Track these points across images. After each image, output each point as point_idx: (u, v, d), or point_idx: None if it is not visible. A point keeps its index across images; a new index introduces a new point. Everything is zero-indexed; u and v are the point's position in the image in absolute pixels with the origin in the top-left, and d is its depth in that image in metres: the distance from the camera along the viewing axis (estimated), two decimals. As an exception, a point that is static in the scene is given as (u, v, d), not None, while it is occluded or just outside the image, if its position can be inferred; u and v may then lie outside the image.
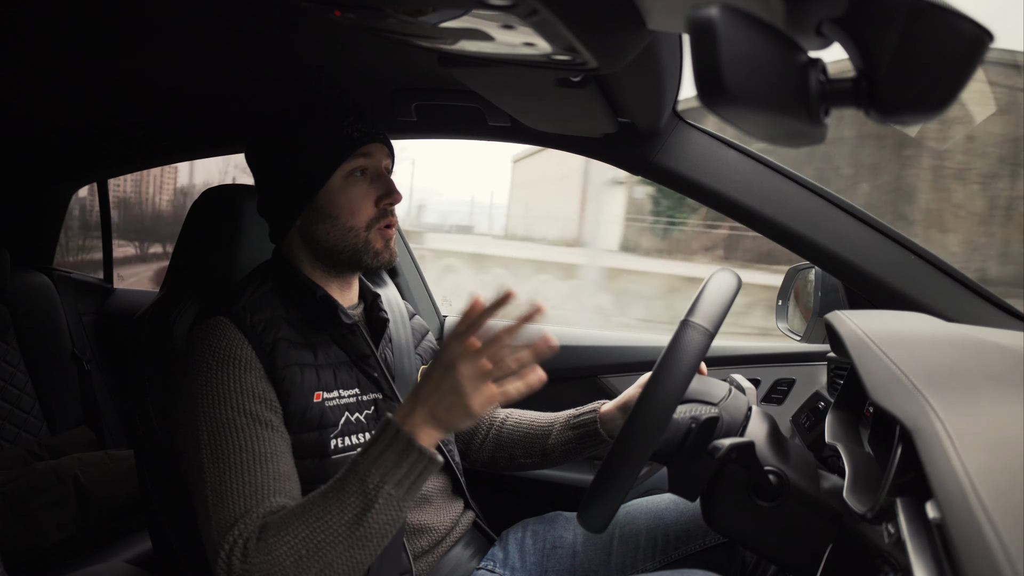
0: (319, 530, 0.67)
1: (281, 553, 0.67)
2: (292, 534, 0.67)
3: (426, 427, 0.70)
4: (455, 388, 0.67)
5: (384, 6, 0.47)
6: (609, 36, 0.51)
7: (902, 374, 0.55)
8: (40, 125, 1.34)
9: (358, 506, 0.68)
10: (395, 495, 0.68)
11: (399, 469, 0.68)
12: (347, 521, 0.67)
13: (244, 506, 0.71)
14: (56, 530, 1.33)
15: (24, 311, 1.66)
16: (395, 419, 0.70)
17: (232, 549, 0.68)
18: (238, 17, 0.76)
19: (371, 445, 0.70)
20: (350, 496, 0.68)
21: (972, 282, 0.92)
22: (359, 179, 0.88)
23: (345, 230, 0.87)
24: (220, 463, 0.73)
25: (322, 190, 0.86)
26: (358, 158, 0.87)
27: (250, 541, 0.68)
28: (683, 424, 0.77)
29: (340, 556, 0.68)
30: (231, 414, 0.76)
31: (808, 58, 0.36)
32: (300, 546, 0.67)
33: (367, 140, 0.88)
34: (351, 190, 0.87)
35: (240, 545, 0.68)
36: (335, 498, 0.69)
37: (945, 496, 0.38)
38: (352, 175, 0.87)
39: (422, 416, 0.69)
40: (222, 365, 0.78)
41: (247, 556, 0.67)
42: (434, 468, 0.70)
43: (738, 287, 0.76)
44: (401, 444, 0.69)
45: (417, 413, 0.70)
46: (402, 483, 0.69)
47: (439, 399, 0.68)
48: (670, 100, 0.94)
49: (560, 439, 1.03)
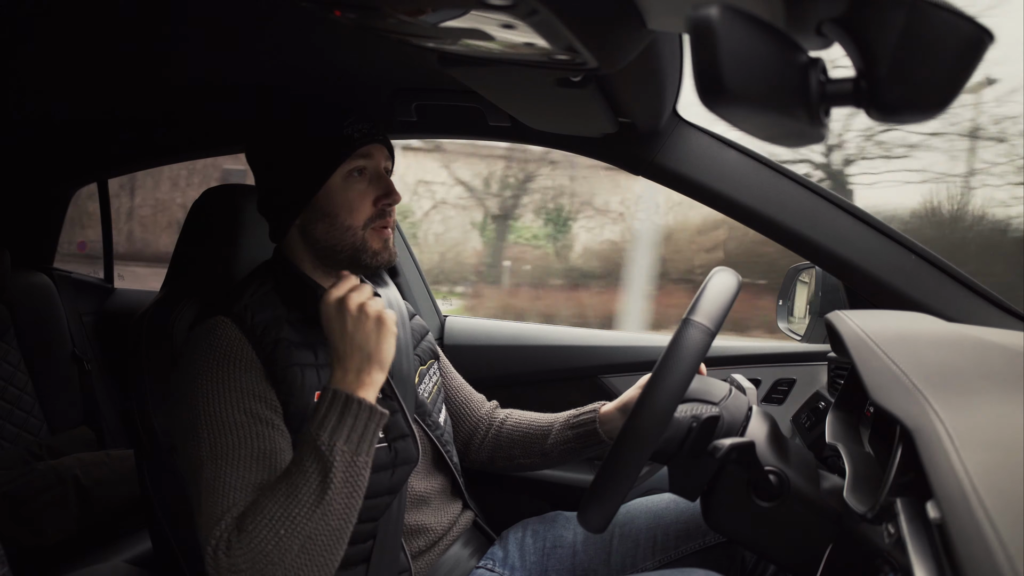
0: (290, 505, 0.68)
1: (261, 538, 0.67)
2: (267, 516, 0.68)
3: (357, 379, 0.75)
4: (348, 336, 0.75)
5: (384, 6, 0.47)
6: (609, 36, 0.51)
7: (902, 374, 0.55)
8: (40, 125, 1.34)
9: (318, 471, 0.70)
10: (347, 450, 0.71)
11: (344, 424, 0.72)
12: (313, 489, 0.69)
13: (233, 500, 0.71)
14: (56, 530, 1.33)
15: (24, 311, 1.66)
16: (330, 383, 0.75)
17: (218, 544, 0.68)
18: (238, 17, 0.76)
19: (314, 415, 0.74)
20: (308, 463, 0.70)
21: (972, 282, 0.92)
22: (358, 179, 0.88)
23: (343, 229, 0.87)
24: (217, 459, 0.73)
25: (321, 189, 0.86)
26: (358, 159, 0.87)
27: (232, 534, 0.68)
28: (684, 423, 0.77)
29: (316, 526, 0.69)
30: (231, 412, 0.76)
31: (808, 58, 0.36)
32: (277, 526, 0.68)
33: (367, 141, 0.88)
34: (350, 190, 0.87)
35: (224, 539, 0.68)
36: (297, 471, 0.70)
37: (945, 496, 0.38)
38: (351, 175, 0.87)
39: (352, 372, 0.75)
40: (222, 364, 0.78)
41: (230, 549, 0.68)
42: (379, 417, 0.74)
43: (739, 287, 0.76)
44: (340, 402, 0.73)
45: (345, 372, 0.75)
46: (351, 437, 0.72)
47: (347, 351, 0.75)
48: (670, 100, 0.94)
49: (559, 439, 1.03)
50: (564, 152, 1.13)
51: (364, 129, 0.88)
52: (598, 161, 1.12)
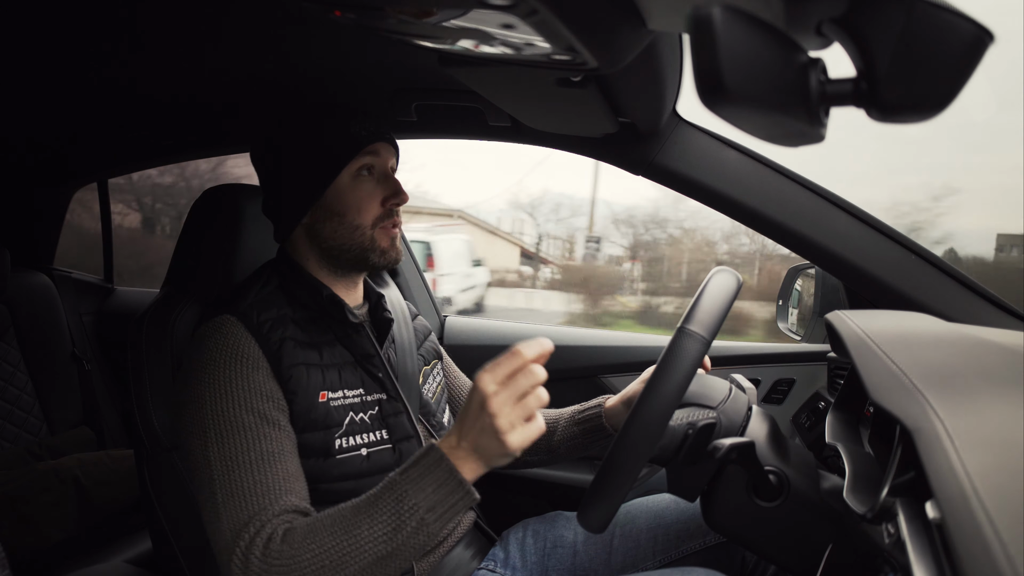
0: (346, 543, 0.67)
1: (305, 559, 0.67)
2: (319, 542, 0.67)
3: (469, 461, 0.69)
4: (492, 425, 0.66)
5: (384, 6, 0.47)
6: (609, 36, 0.51)
7: (902, 374, 0.55)
8: (41, 126, 1.34)
9: (390, 525, 0.67)
10: (427, 520, 0.68)
11: (436, 496, 0.68)
12: (376, 538, 0.67)
13: (258, 504, 0.71)
14: (56, 530, 1.33)
15: (24, 311, 1.66)
16: (439, 446, 0.69)
17: (250, 546, 0.68)
18: (238, 17, 0.76)
19: (411, 467, 0.69)
20: (383, 514, 0.67)
21: (972, 282, 0.92)
22: (366, 178, 0.88)
23: (352, 228, 0.87)
24: (228, 461, 0.73)
25: (329, 188, 0.87)
26: (365, 156, 0.88)
27: (272, 540, 0.68)
28: (679, 431, 0.76)
29: (362, 572, 0.67)
30: (238, 412, 0.76)
31: (808, 58, 0.36)
32: (325, 555, 0.67)
33: (375, 139, 0.88)
34: (358, 189, 0.88)
35: (259, 543, 0.68)
36: (367, 513, 0.68)
37: (945, 496, 0.38)
38: (359, 174, 0.88)
39: (466, 449, 0.68)
40: (229, 363, 0.78)
41: (268, 555, 0.67)
42: (470, 503, 0.69)
43: (738, 288, 0.76)
44: (442, 472, 0.68)
45: (461, 445, 0.68)
46: (435, 509, 0.68)
47: (479, 434, 0.67)
48: (670, 100, 0.94)
49: (566, 435, 1.03)
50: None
51: (371, 127, 0.88)
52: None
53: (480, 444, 0.67)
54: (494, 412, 0.65)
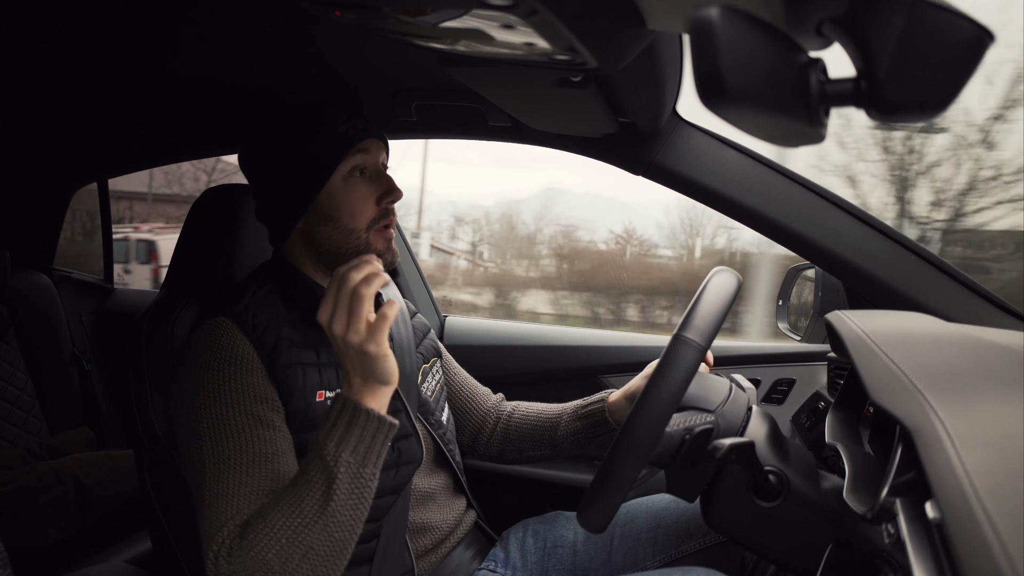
0: (293, 515, 0.68)
1: (262, 546, 0.67)
2: (269, 525, 0.67)
3: (362, 391, 0.72)
4: (348, 346, 0.70)
5: (384, 6, 0.47)
6: (609, 36, 0.51)
7: (902, 374, 0.55)
8: (40, 125, 1.34)
9: (323, 481, 0.69)
10: (353, 462, 0.70)
11: (351, 435, 0.70)
12: (317, 499, 0.68)
13: (236, 507, 0.71)
14: (56, 530, 1.33)
15: (24, 311, 1.66)
16: (341, 392, 0.73)
17: (219, 550, 0.68)
18: (238, 18, 0.76)
19: (323, 423, 0.72)
20: (313, 473, 0.69)
21: (972, 282, 0.92)
22: (359, 179, 0.87)
23: (347, 232, 0.86)
24: (220, 464, 0.73)
25: (322, 192, 0.86)
26: (356, 155, 0.86)
27: (235, 541, 0.68)
28: (676, 436, 0.76)
29: (318, 537, 0.68)
30: (232, 415, 0.76)
31: (808, 58, 0.36)
32: (279, 535, 0.67)
33: (363, 136, 0.87)
34: (352, 191, 0.86)
35: (226, 545, 0.68)
36: (302, 480, 0.70)
37: (945, 496, 0.38)
38: (352, 175, 0.86)
39: (356, 383, 0.72)
40: (224, 365, 0.78)
41: (231, 555, 0.67)
42: (387, 429, 0.72)
43: (737, 289, 0.76)
44: (348, 411, 0.71)
45: (351, 382, 0.72)
46: (357, 448, 0.70)
47: (351, 362, 0.72)
48: (670, 100, 0.94)
49: (569, 430, 1.03)
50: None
51: (359, 125, 0.87)
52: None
53: (359, 369, 0.72)
54: (339, 334, 0.71)
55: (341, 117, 0.86)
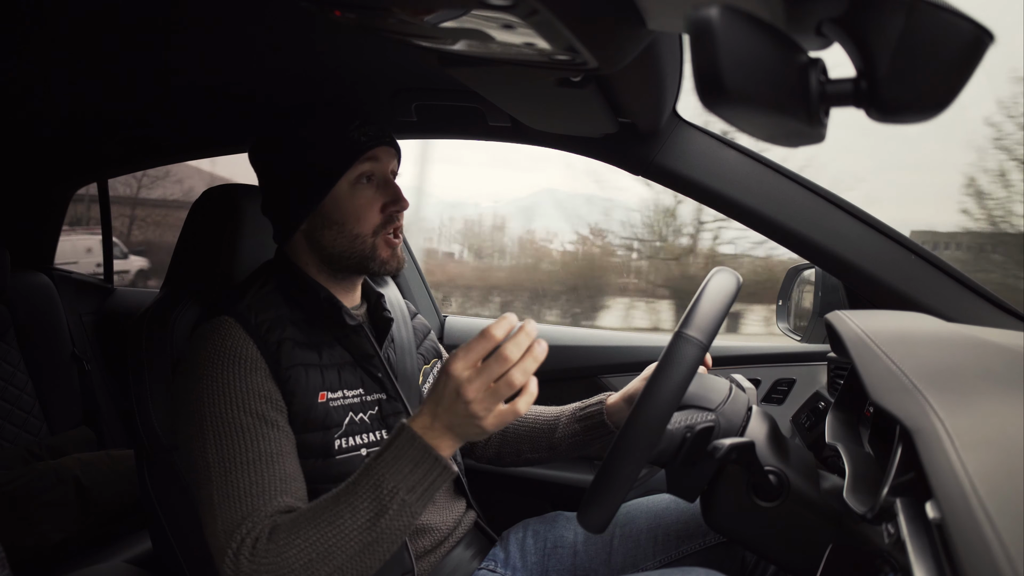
0: (331, 534, 0.67)
1: (291, 555, 0.67)
2: (303, 536, 0.67)
3: (443, 438, 0.69)
4: (467, 410, 0.65)
5: (384, 6, 0.47)
6: (609, 36, 0.51)
7: (902, 374, 0.55)
8: (40, 125, 1.34)
9: (371, 511, 0.67)
10: (408, 501, 0.68)
11: (413, 476, 0.67)
12: (359, 525, 0.67)
13: (251, 505, 0.71)
14: (56, 530, 1.33)
15: (24, 311, 1.66)
16: (411, 425, 0.69)
17: (240, 547, 0.68)
18: (238, 17, 0.76)
19: (385, 450, 0.69)
20: (363, 500, 0.67)
21: (972, 282, 0.92)
22: (365, 186, 0.86)
23: (351, 237, 0.86)
24: (225, 463, 0.73)
25: (328, 196, 0.85)
26: (364, 163, 0.86)
27: (260, 540, 0.68)
28: (677, 434, 0.76)
29: (350, 560, 0.67)
30: (236, 414, 0.75)
31: (808, 58, 0.36)
32: (311, 548, 0.66)
33: (374, 144, 0.86)
34: (357, 197, 0.86)
35: (249, 543, 0.68)
36: (347, 502, 0.68)
37: (945, 496, 0.38)
38: (359, 182, 0.86)
39: (439, 428, 0.68)
40: (227, 364, 0.78)
41: (255, 555, 0.67)
42: (448, 478, 0.70)
43: (737, 289, 0.76)
44: (417, 451, 0.68)
45: (434, 425, 0.68)
46: (415, 489, 0.68)
47: (452, 416, 0.67)
48: (670, 100, 0.94)
49: (567, 432, 1.03)
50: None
51: (370, 132, 0.86)
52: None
53: (455, 425, 0.67)
54: (469, 399, 0.65)
55: (354, 123, 0.86)
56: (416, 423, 0.69)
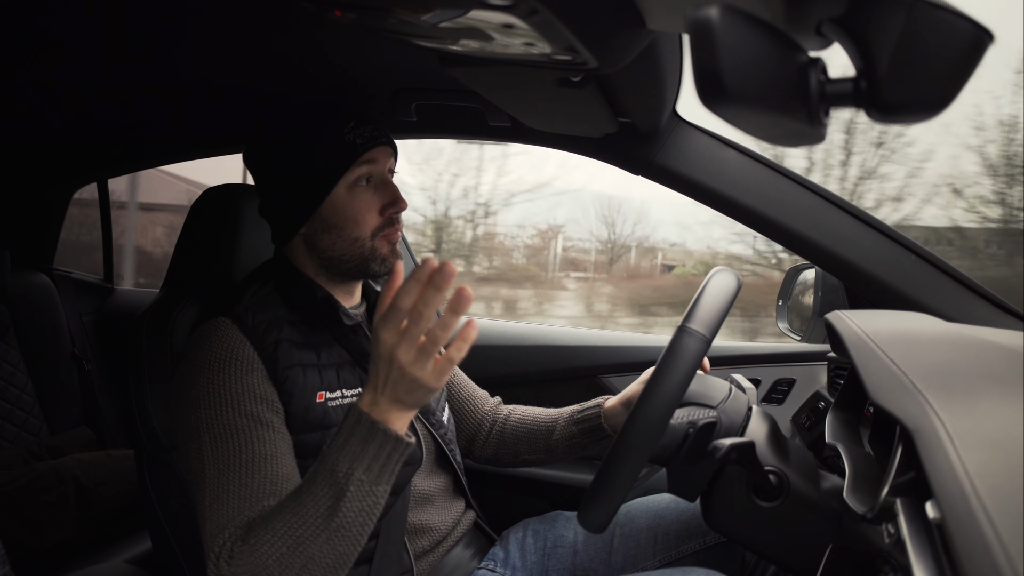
0: (296, 525, 0.66)
1: (263, 552, 0.66)
2: (271, 532, 0.66)
3: (393, 410, 0.67)
4: (404, 375, 0.63)
5: (384, 6, 0.47)
6: (609, 36, 0.51)
7: (902, 374, 0.55)
8: (40, 125, 1.34)
9: (330, 496, 0.66)
10: (366, 480, 0.66)
11: (366, 454, 0.66)
12: (322, 513, 0.66)
13: (237, 509, 0.70)
14: (56, 530, 1.33)
15: (24, 311, 1.66)
16: (357, 405, 0.67)
17: (220, 552, 0.68)
18: (237, 17, 0.76)
19: (336, 435, 0.68)
20: (321, 487, 0.66)
21: (972, 282, 0.92)
22: (364, 188, 0.85)
23: (351, 241, 0.85)
24: (220, 465, 0.73)
25: (326, 200, 0.84)
26: (361, 166, 0.84)
27: (236, 543, 0.68)
28: (680, 429, 0.76)
29: (320, 549, 0.66)
30: (232, 416, 0.75)
31: (808, 58, 0.36)
32: (280, 543, 0.66)
33: (370, 146, 0.85)
34: (355, 200, 0.85)
35: (228, 548, 0.68)
36: (308, 492, 0.67)
37: (945, 496, 0.38)
38: (356, 185, 0.85)
39: (385, 402, 0.66)
40: (224, 366, 0.78)
41: (233, 558, 0.67)
42: (405, 450, 0.68)
43: (738, 288, 0.76)
44: (364, 428, 0.66)
45: (379, 400, 0.66)
46: (371, 467, 0.66)
47: (394, 386, 0.65)
48: (670, 100, 0.94)
49: (564, 435, 1.02)
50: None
51: (367, 133, 0.85)
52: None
53: (400, 394, 0.65)
54: (403, 363, 0.63)
55: (349, 124, 0.84)
56: (362, 402, 0.67)
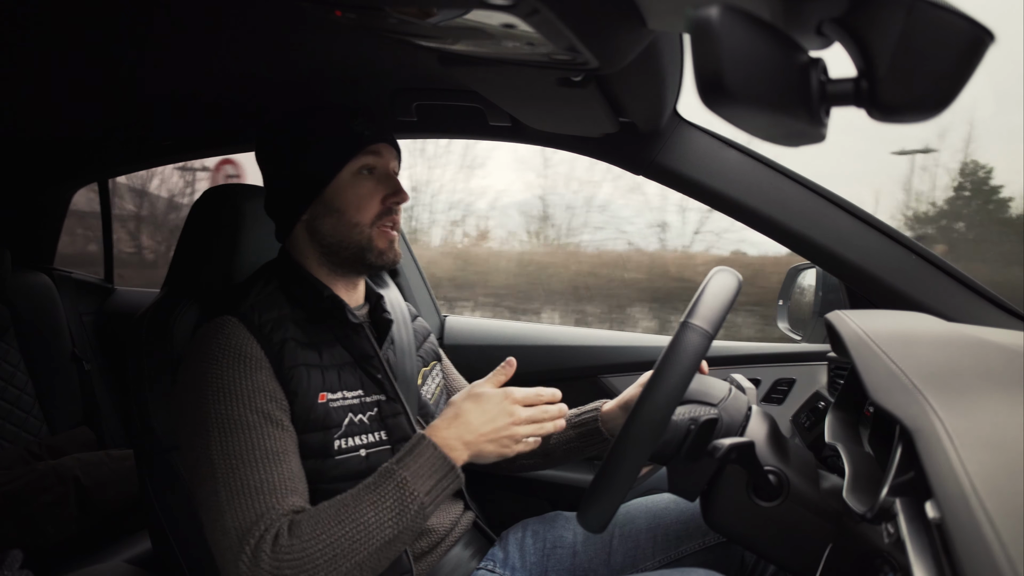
0: (355, 530, 0.71)
1: (316, 550, 0.69)
2: (328, 532, 0.70)
3: (464, 452, 0.78)
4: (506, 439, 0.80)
5: (385, 6, 0.47)
6: (610, 36, 0.51)
7: (902, 374, 0.55)
8: (40, 125, 1.34)
9: (394, 511, 0.72)
10: (426, 504, 0.74)
11: (431, 482, 0.75)
12: (382, 524, 0.72)
13: (265, 503, 0.71)
14: (56, 530, 1.33)
15: (24, 311, 1.66)
16: (432, 437, 0.77)
17: (259, 544, 0.69)
18: (239, 17, 0.76)
19: (406, 456, 0.76)
20: (387, 501, 0.73)
21: (972, 282, 0.92)
22: (367, 177, 0.90)
23: (350, 226, 0.88)
24: (232, 460, 0.73)
25: (330, 185, 0.88)
26: (367, 156, 0.89)
27: (280, 536, 0.69)
28: (682, 426, 0.77)
29: (371, 557, 0.71)
30: (242, 412, 0.76)
31: (808, 58, 0.36)
32: (335, 544, 0.70)
33: (377, 139, 0.90)
34: (359, 186, 0.89)
35: (268, 540, 0.69)
36: (371, 502, 0.72)
37: (945, 496, 0.38)
38: (360, 172, 0.89)
39: (464, 444, 0.78)
40: (232, 363, 0.78)
41: (277, 551, 0.68)
42: (459, 485, 0.78)
43: (738, 287, 0.76)
44: (438, 460, 0.76)
45: (461, 440, 0.78)
46: (432, 493, 0.75)
47: (486, 439, 0.79)
48: (671, 100, 0.94)
49: (561, 439, 1.03)
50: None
51: (373, 128, 0.90)
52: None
53: (485, 449, 0.79)
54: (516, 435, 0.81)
55: (357, 118, 0.90)
56: (437, 433, 0.78)
